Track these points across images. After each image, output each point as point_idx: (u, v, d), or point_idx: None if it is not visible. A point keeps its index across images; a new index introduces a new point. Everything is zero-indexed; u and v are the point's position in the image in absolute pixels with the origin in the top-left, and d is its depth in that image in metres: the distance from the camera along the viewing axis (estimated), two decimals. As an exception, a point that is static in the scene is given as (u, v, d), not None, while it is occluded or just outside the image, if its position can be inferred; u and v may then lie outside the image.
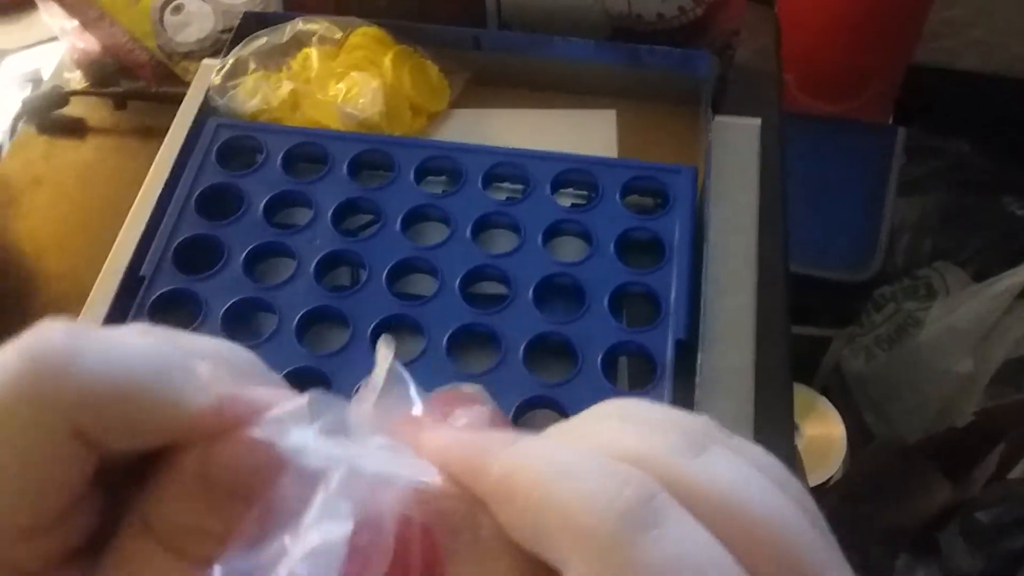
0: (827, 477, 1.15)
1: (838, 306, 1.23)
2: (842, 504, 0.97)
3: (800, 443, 1.18)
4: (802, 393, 1.23)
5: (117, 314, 0.54)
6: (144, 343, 0.19)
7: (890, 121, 1.39)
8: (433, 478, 0.19)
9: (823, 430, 1.19)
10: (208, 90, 0.61)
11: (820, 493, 1.07)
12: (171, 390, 0.18)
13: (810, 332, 1.24)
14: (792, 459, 0.57)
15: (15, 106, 0.87)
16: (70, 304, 0.62)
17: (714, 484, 0.18)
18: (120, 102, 0.72)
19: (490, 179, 0.59)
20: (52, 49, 0.85)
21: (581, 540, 0.16)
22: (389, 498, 0.19)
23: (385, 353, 0.22)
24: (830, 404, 1.21)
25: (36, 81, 0.87)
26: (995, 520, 0.86)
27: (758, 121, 0.67)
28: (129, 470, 0.19)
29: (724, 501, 0.17)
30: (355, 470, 0.19)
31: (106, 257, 0.61)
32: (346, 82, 0.60)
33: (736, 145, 0.65)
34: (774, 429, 0.57)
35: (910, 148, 1.39)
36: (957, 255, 1.47)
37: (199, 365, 0.19)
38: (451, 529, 0.18)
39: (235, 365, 0.21)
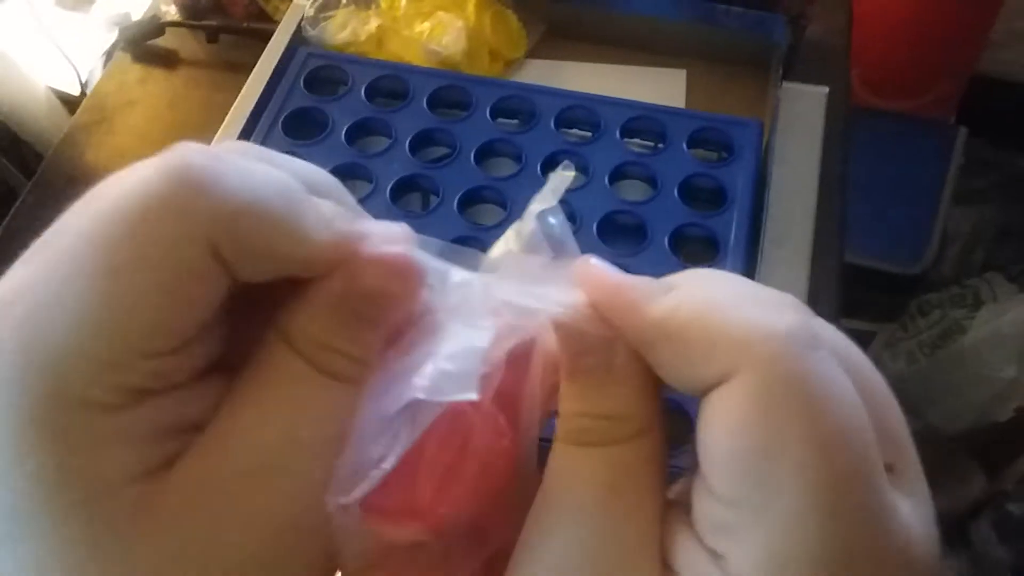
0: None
1: (885, 300, 1.23)
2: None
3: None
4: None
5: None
6: (277, 175, 0.19)
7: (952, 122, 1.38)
8: (578, 304, 0.20)
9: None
10: (301, 20, 0.64)
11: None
12: (300, 221, 0.19)
13: (853, 326, 1.24)
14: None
15: (104, 46, 0.92)
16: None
17: (839, 339, 0.20)
18: (212, 36, 0.76)
19: (562, 122, 0.62)
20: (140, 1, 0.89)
21: (750, 353, 0.18)
22: (527, 319, 0.20)
23: (559, 180, 0.22)
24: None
25: (125, 25, 0.92)
26: (1029, 514, 0.87)
27: (825, 89, 0.68)
28: (253, 301, 0.20)
29: (848, 352, 0.20)
30: (494, 291, 0.20)
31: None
32: (431, 21, 0.63)
33: (802, 110, 0.67)
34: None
35: (969, 159, 1.39)
36: (1008, 269, 1.46)
37: (323, 203, 0.20)
38: (587, 350, 0.20)
39: (350, 203, 0.22)
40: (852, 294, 1.21)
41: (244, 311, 0.20)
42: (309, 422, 0.19)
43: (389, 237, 0.20)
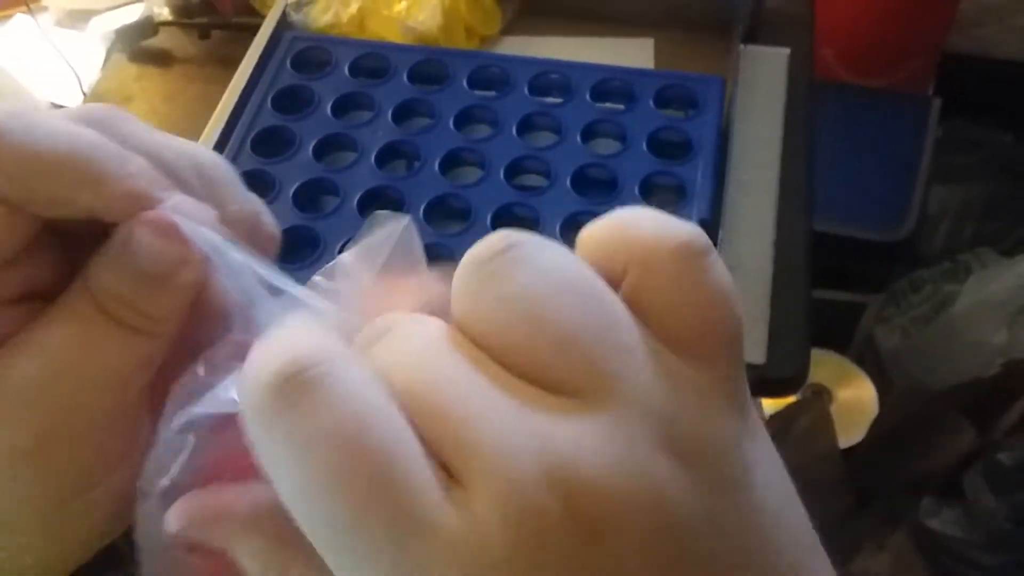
0: (859, 439, 1.17)
1: (871, 271, 1.26)
2: (867, 450, 1.00)
3: (833, 407, 1.21)
4: (833, 359, 1.26)
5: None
6: (76, 130, 0.21)
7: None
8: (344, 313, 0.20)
9: (854, 393, 1.22)
10: (285, 6, 0.68)
11: (849, 447, 1.10)
12: (91, 171, 0.21)
13: (843, 298, 1.27)
14: (806, 359, 0.61)
15: (99, 60, 0.96)
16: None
17: None
18: (204, 32, 0.80)
19: (535, 89, 0.65)
20: (135, 11, 0.93)
21: (642, 257, 0.17)
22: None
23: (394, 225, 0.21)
24: (861, 370, 1.24)
25: (119, 27, 0.96)
26: (1018, 462, 0.89)
27: (787, 50, 0.72)
28: (92, 238, 0.22)
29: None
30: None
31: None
32: (408, 1, 0.67)
33: (765, 70, 0.70)
34: (790, 325, 0.62)
35: (952, 137, 1.42)
36: (998, 243, 1.48)
37: (135, 159, 0.22)
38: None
39: (206, 172, 0.24)
40: (837, 265, 1.24)
41: (79, 243, 0.22)
42: (83, 361, 0.21)
43: (187, 209, 0.22)
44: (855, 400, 1.21)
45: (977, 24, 1.48)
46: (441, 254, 0.57)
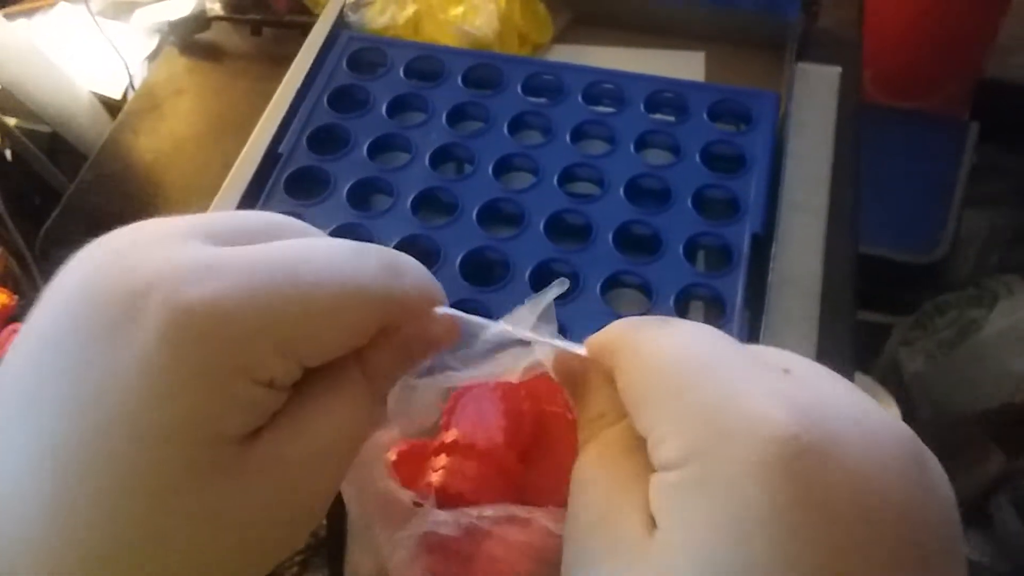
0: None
1: (900, 293, 1.26)
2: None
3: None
4: (858, 379, 1.25)
5: (255, 187, 0.62)
6: (356, 267, 0.26)
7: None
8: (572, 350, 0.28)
9: (879, 414, 1.22)
10: (343, 7, 0.69)
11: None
12: (392, 304, 0.26)
13: (869, 318, 1.26)
14: (852, 366, 0.61)
15: (144, 51, 0.97)
16: (200, 192, 0.70)
17: None
18: (256, 28, 0.81)
19: (588, 97, 0.66)
20: (179, 4, 0.94)
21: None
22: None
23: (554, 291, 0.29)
24: (885, 391, 1.23)
25: (169, 22, 0.97)
26: (1047, 491, 0.88)
27: (838, 69, 0.72)
28: None
29: None
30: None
31: (237, 156, 0.69)
32: (464, 5, 0.68)
33: (817, 87, 0.70)
34: (836, 344, 0.62)
35: (984, 163, 1.41)
36: (1025, 270, 1.48)
37: (407, 271, 0.27)
38: (578, 381, 0.27)
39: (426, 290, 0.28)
40: (867, 286, 1.23)
41: None
42: (355, 426, 0.25)
43: (433, 295, 0.28)
44: (879, 422, 1.21)
45: (1015, 51, 1.48)
46: (493, 258, 0.57)
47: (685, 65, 0.73)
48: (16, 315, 0.68)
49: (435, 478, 0.27)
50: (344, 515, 0.29)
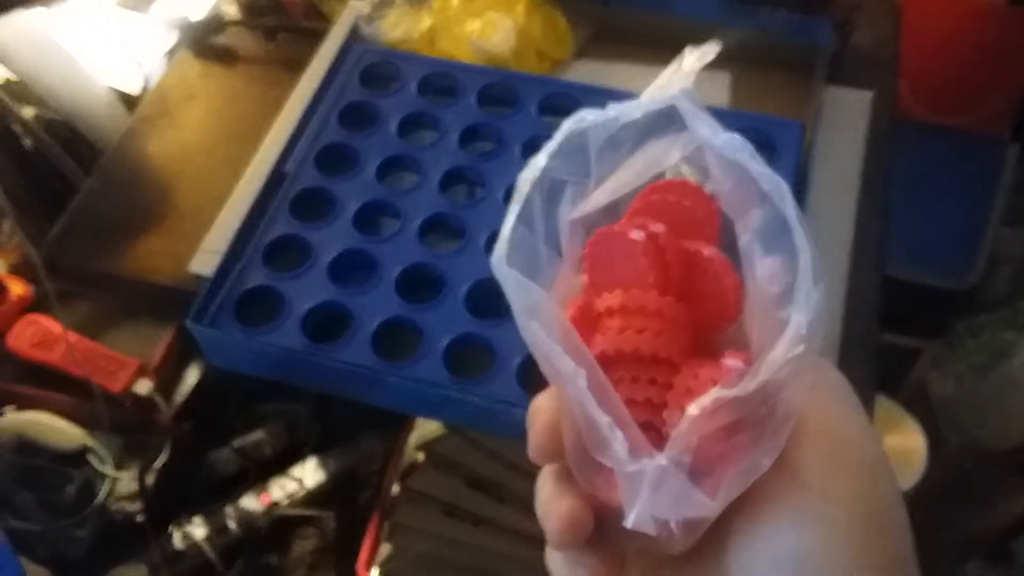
0: (908, 487, 1.14)
1: (931, 317, 1.22)
2: (913, 506, 0.96)
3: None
4: (883, 404, 1.22)
5: (259, 206, 0.60)
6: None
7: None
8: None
9: (904, 440, 1.18)
10: (357, 18, 0.67)
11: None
12: None
13: (896, 341, 1.23)
14: (869, 406, 0.59)
15: (162, 46, 0.96)
16: (208, 201, 0.68)
17: None
18: (270, 34, 0.79)
19: (606, 120, 0.63)
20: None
21: None
22: None
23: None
24: (911, 417, 1.20)
25: (187, 23, 0.95)
26: (1074, 533, 0.85)
27: (870, 93, 0.69)
28: None
29: None
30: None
31: (246, 165, 0.67)
32: (482, 20, 0.65)
33: (846, 113, 0.67)
34: (855, 368, 0.59)
35: (1019, 181, 1.37)
36: (1061, 291, 1.43)
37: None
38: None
39: None
40: (898, 309, 1.20)
41: None
42: None
43: None
44: (903, 447, 1.17)
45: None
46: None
47: (709, 85, 0.71)
48: (32, 306, 0.67)
49: (610, 343, 0.25)
50: (354, 515, 0.27)
